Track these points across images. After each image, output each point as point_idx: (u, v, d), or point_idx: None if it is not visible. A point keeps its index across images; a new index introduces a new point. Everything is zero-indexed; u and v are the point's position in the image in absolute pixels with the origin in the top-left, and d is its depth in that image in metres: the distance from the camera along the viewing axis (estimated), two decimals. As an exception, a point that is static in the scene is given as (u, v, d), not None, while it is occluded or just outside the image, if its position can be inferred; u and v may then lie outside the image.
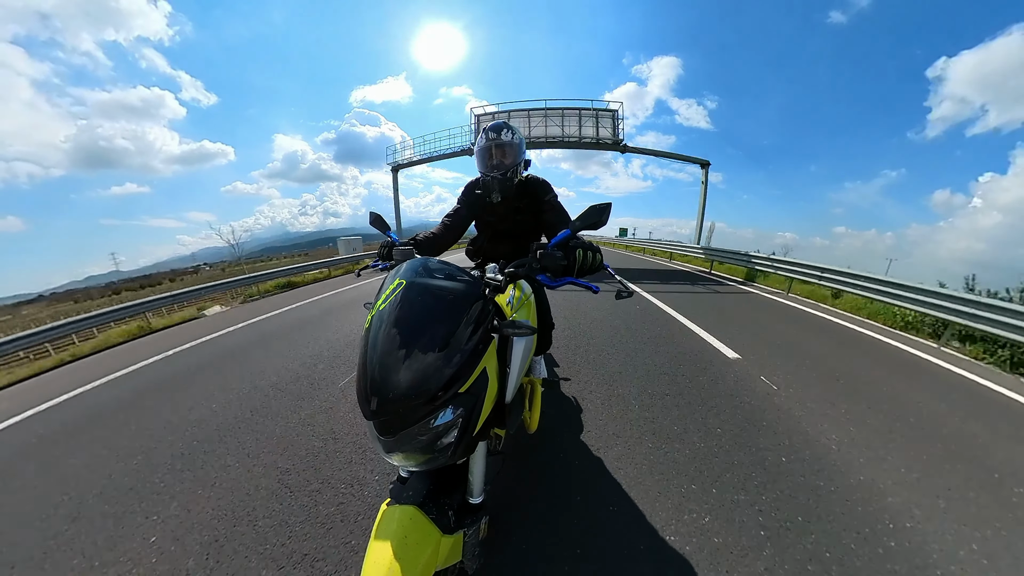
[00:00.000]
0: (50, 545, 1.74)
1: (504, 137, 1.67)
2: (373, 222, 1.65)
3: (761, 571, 1.44)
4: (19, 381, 4.97)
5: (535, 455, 2.10)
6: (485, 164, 1.71)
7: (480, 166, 1.74)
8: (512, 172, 1.70)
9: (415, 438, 0.85)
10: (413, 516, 0.94)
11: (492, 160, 1.69)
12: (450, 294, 0.94)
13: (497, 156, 1.68)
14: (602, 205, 0.97)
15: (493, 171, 1.69)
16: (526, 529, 1.63)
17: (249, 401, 3.03)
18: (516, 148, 1.70)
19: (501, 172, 1.68)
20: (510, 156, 1.69)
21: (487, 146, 1.68)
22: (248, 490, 1.98)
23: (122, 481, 2.17)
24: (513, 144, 1.69)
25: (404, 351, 0.84)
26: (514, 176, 1.72)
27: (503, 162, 1.69)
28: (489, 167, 1.70)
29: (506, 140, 1.67)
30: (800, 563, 1.47)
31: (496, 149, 1.68)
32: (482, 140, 1.70)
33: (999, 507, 1.78)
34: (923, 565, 1.48)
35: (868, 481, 1.93)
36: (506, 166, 1.69)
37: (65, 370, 5.21)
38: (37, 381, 4.88)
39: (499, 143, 1.67)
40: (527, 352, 1.27)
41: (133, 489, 2.08)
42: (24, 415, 3.40)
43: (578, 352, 3.69)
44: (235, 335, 5.41)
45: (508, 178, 1.70)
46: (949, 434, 2.38)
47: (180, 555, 1.61)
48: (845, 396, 2.85)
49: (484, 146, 1.69)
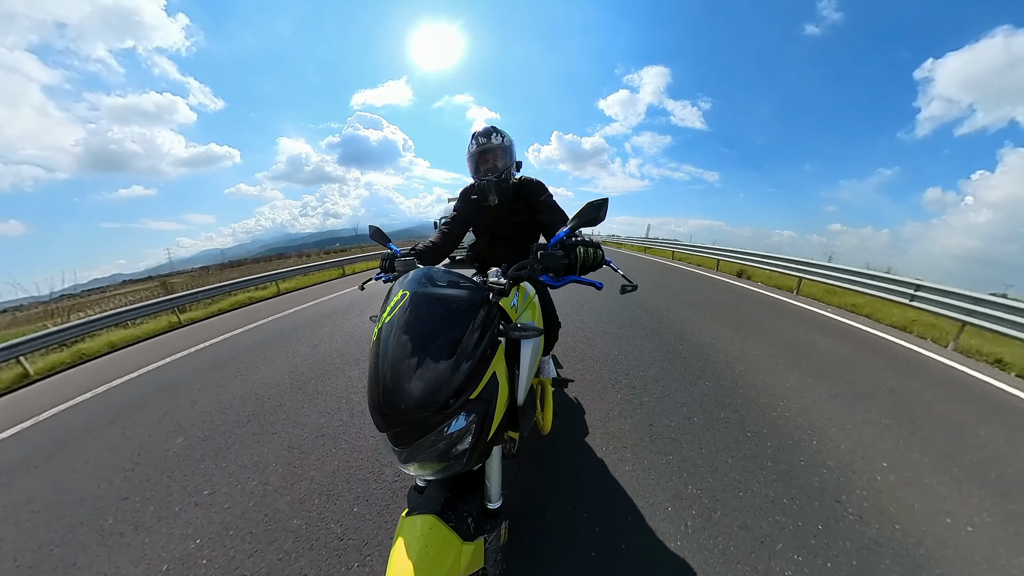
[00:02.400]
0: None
1: (494, 141, 1.66)
2: (373, 235, 1.65)
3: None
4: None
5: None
6: (477, 170, 1.71)
7: (472, 172, 1.74)
8: (506, 174, 1.70)
9: (430, 447, 0.85)
10: (433, 525, 0.93)
11: (485, 164, 1.69)
12: (455, 301, 0.94)
13: (490, 160, 1.68)
14: (599, 201, 0.97)
15: (487, 175, 1.69)
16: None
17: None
18: (507, 151, 1.70)
19: (495, 175, 1.68)
20: (502, 159, 1.69)
21: (477, 151, 1.68)
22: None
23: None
24: (504, 147, 1.68)
25: (414, 361, 0.84)
26: (509, 178, 1.72)
27: (495, 166, 1.68)
28: (482, 172, 1.70)
29: (496, 144, 1.67)
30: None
31: (488, 154, 1.68)
32: (472, 146, 1.69)
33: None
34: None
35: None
36: (499, 169, 1.68)
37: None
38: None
39: (489, 147, 1.67)
40: (535, 353, 1.27)
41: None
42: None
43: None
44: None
45: (503, 180, 1.70)
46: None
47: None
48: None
49: (475, 151, 1.68)
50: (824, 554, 1.49)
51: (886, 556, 1.48)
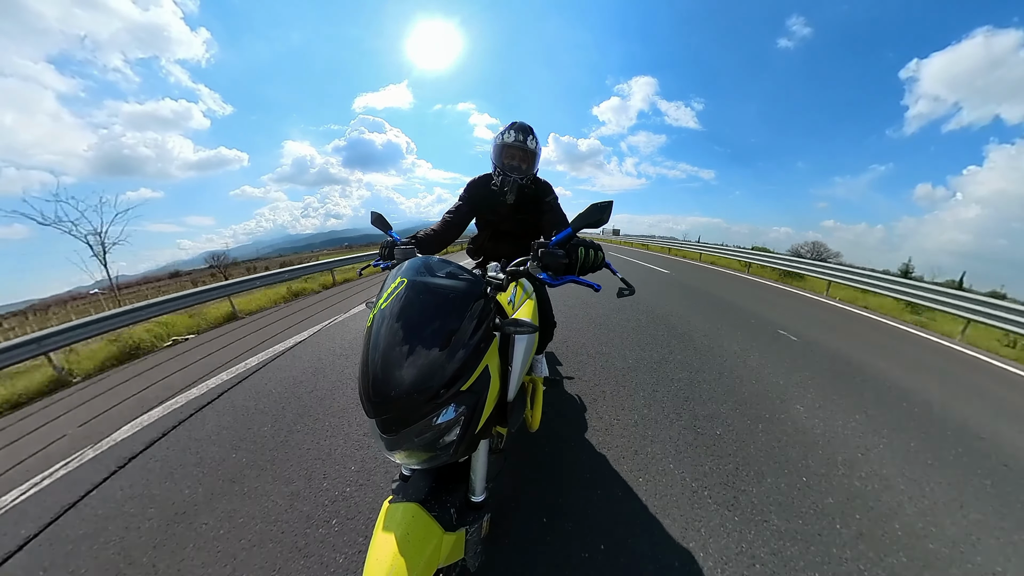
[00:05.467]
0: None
1: (530, 144, 1.67)
2: (375, 221, 1.63)
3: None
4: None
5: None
6: (503, 161, 1.70)
7: (497, 160, 1.72)
8: (528, 179, 1.72)
9: (417, 436, 0.85)
10: (415, 513, 0.94)
11: (512, 160, 1.69)
12: (452, 292, 0.94)
13: (518, 159, 1.69)
14: (603, 203, 0.96)
15: (511, 172, 1.69)
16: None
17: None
18: (536, 157, 1.72)
19: (519, 175, 1.69)
20: (528, 162, 1.70)
21: (513, 144, 1.67)
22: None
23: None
24: (535, 152, 1.70)
25: (406, 349, 0.84)
26: (527, 182, 1.74)
27: (521, 166, 1.70)
28: (508, 166, 1.69)
29: (531, 147, 1.67)
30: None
31: (519, 151, 1.68)
32: (508, 136, 1.67)
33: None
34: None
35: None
36: (523, 171, 1.70)
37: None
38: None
39: (523, 147, 1.67)
40: (529, 350, 1.27)
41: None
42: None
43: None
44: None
45: (526, 183, 1.72)
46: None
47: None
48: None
49: (509, 143, 1.67)
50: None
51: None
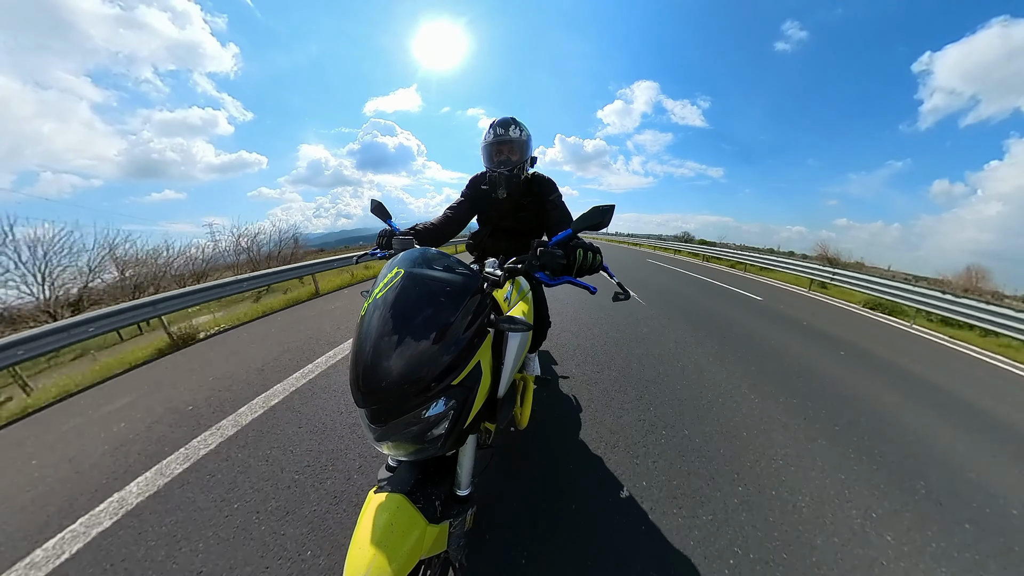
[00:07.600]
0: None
1: (512, 133, 1.64)
2: (374, 210, 1.61)
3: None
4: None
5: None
6: (491, 160, 1.68)
7: (486, 161, 1.71)
8: (519, 169, 1.68)
9: (406, 427, 0.85)
10: (400, 504, 0.94)
11: (499, 156, 1.67)
12: (448, 285, 0.93)
13: (505, 152, 1.66)
14: (605, 206, 0.96)
15: (499, 167, 1.66)
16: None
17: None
18: (524, 144, 1.67)
19: (508, 168, 1.65)
20: (517, 152, 1.66)
21: (494, 141, 1.65)
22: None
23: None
24: (521, 140, 1.66)
25: (398, 340, 0.83)
26: (520, 173, 1.70)
27: (510, 158, 1.66)
28: (496, 163, 1.67)
29: (514, 136, 1.64)
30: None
31: (504, 145, 1.65)
32: (489, 135, 1.67)
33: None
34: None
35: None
36: (512, 163, 1.66)
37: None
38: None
39: (507, 139, 1.64)
40: (522, 348, 1.27)
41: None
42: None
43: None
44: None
45: (515, 175, 1.68)
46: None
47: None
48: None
49: (491, 141, 1.66)
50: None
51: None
